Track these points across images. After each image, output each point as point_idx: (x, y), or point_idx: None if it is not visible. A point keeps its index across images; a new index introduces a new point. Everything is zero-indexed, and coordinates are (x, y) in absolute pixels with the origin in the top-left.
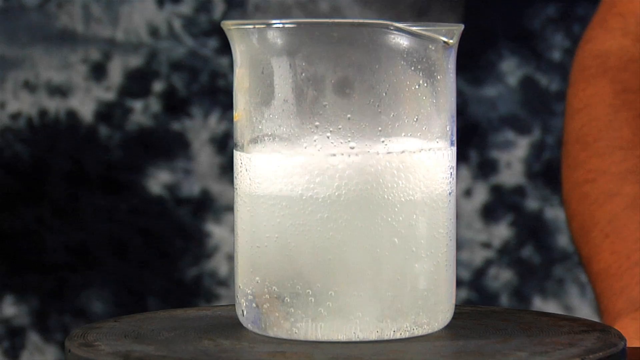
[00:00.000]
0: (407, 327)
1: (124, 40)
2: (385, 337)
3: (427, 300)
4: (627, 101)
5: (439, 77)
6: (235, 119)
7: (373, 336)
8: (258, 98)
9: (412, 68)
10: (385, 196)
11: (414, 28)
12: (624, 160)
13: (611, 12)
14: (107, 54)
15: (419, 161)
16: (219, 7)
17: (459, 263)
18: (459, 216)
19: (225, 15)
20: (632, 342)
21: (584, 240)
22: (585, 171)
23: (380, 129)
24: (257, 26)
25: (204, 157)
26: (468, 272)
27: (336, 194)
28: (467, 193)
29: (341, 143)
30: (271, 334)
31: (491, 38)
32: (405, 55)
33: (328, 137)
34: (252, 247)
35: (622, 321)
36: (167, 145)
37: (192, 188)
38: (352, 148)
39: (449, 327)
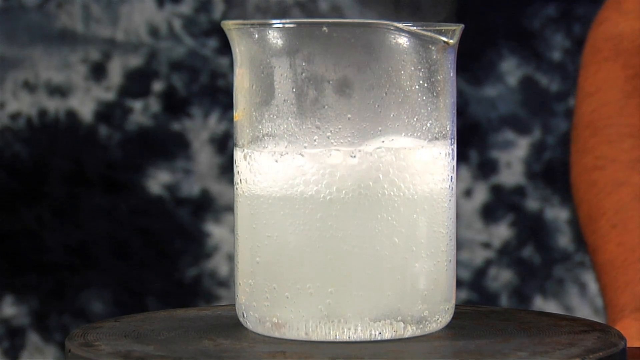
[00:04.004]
0: (407, 327)
1: (123, 40)
2: (385, 337)
3: (427, 300)
4: (639, 87)
5: (439, 77)
6: (235, 119)
7: (373, 336)
8: (258, 98)
9: (412, 68)
10: (385, 195)
11: (414, 28)
12: (634, 149)
13: None
14: (107, 54)
15: (419, 161)
16: (219, 7)
17: (459, 263)
18: (459, 216)
19: (225, 15)
20: (634, 343)
21: (590, 229)
22: (594, 157)
23: (380, 129)
24: (257, 26)
25: (204, 157)
26: (468, 272)
27: (336, 193)
28: (467, 193)
29: (341, 143)
30: (271, 333)
31: (491, 38)
32: (405, 55)
33: (328, 137)
34: (252, 246)
35: (624, 321)
36: (167, 145)
37: (192, 188)
38: (352, 148)
39: (449, 327)
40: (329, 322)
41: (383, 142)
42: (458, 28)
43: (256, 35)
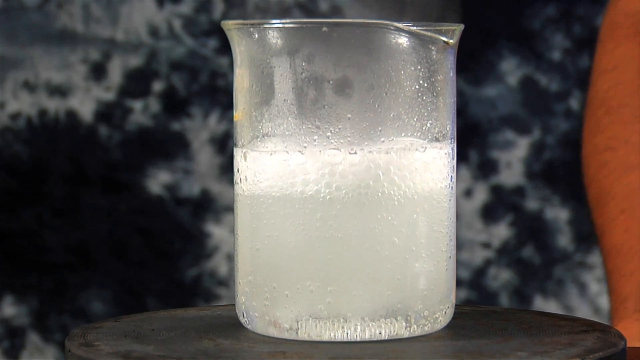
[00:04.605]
0: (406, 327)
1: (124, 40)
2: (385, 337)
3: (427, 300)
4: None
5: (439, 77)
6: (235, 119)
7: (373, 336)
8: (258, 98)
9: (412, 68)
10: (385, 195)
11: (414, 28)
12: None
13: None
14: (107, 54)
15: (419, 161)
16: (219, 7)
17: (459, 263)
18: (459, 216)
19: (225, 15)
20: (635, 343)
21: (599, 212)
22: (607, 137)
23: (380, 128)
24: (257, 26)
25: (204, 157)
26: (468, 272)
27: (336, 193)
28: (467, 193)
29: (341, 143)
30: (271, 333)
31: (491, 38)
32: (405, 55)
33: (328, 137)
34: (252, 246)
35: (626, 321)
36: (167, 145)
37: (192, 188)
38: (352, 148)
39: (449, 327)
40: (329, 321)
41: (383, 141)
42: (458, 28)
43: (256, 35)
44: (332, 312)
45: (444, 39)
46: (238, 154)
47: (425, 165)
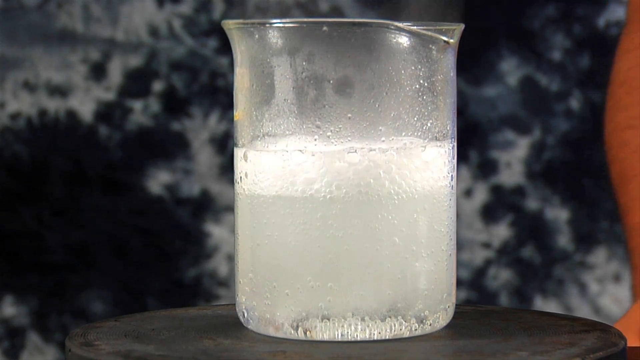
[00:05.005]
0: (407, 326)
1: (123, 40)
2: (385, 337)
3: (428, 300)
4: None
5: (439, 76)
6: (235, 119)
7: (373, 336)
8: (258, 97)
9: (413, 68)
10: (386, 195)
11: (414, 27)
12: None
13: None
14: (107, 54)
15: (419, 160)
16: (219, 7)
17: (459, 263)
18: (459, 216)
19: (225, 15)
20: None
21: (622, 189)
22: (628, 117)
23: (380, 128)
24: (257, 26)
25: (204, 157)
26: (468, 272)
27: (336, 192)
28: (467, 193)
29: (341, 142)
30: (271, 333)
31: (491, 38)
32: (405, 55)
33: (328, 137)
34: (253, 246)
35: (634, 311)
36: (167, 145)
37: (191, 188)
38: (352, 147)
39: (449, 326)
40: (329, 321)
41: (383, 141)
42: (458, 28)
43: (256, 35)
44: (333, 312)
45: (444, 38)
46: (238, 153)
47: (425, 164)
